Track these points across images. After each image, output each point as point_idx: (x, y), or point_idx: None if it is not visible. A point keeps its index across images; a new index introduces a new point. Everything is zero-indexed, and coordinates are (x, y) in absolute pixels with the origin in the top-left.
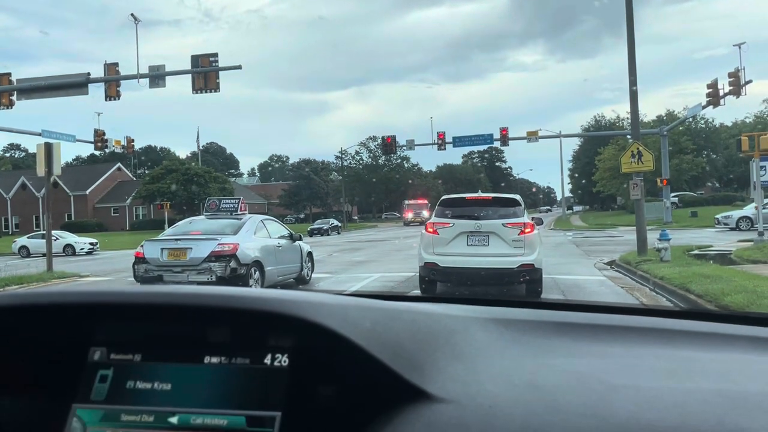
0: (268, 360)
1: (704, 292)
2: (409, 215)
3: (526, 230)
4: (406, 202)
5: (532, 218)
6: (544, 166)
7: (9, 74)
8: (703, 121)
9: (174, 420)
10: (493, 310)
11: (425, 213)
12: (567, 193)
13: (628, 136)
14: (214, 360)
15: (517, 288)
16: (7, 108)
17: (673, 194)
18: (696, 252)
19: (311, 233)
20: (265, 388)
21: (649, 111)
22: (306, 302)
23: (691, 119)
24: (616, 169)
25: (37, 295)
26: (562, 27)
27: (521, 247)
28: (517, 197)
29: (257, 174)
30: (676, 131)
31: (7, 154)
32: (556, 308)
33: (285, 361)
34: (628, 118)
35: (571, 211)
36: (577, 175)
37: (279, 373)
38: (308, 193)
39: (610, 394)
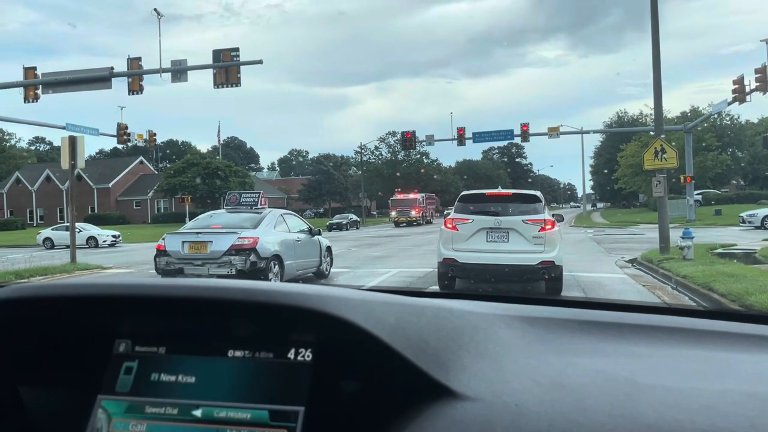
0: (291, 354)
1: (728, 292)
2: (394, 213)
3: (547, 227)
4: (394, 197)
5: (553, 215)
6: (565, 162)
7: (34, 68)
8: (728, 118)
9: (198, 413)
10: (517, 308)
11: (414, 212)
12: (588, 190)
13: (651, 133)
14: (238, 354)
15: (537, 285)
16: (33, 102)
17: (696, 192)
18: (720, 251)
19: (330, 228)
20: (288, 382)
21: (672, 107)
22: (331, 297)
23: (716, 116)
24: (638, 165)
25: (63, 287)
26: (584, 22)
27: (542, 244)
28: (538, 193)
29: (277, 168)
30: (700, 128)
31: (33, 147)
32: (581, 306)
33: (308, 356)
34: (651, 114)
35: (593, 207)
36: (598, 171)
37: (302, 367)
38: (327, 188)
39: (638, 394)
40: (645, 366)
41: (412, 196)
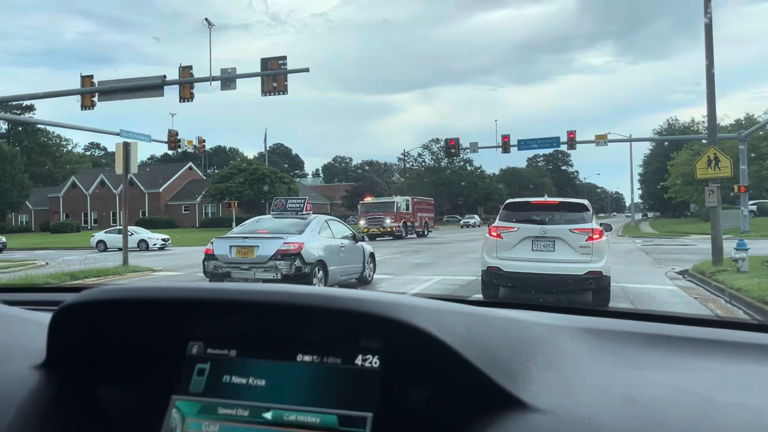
0: (359, 360)
1: None
2: (363, 222)
3: (594, 236)
4: (363, 201)
5: (601, 224)
6: (613, 170)
7: (91, 76)
8: None
9: (268, 415)
10: (580, 319)
11: (389, 221)
12: (636, 199)
13: (704, 141)
14: (307, 358)
15: (584, 296)
16: (89, 109)
17: (751, 202)
18: None
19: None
20: (356, 388)
21: (726, 115)
22: (404, 305)
23: None
24: (690, 174)
25: (145, 290)
26: (633, 28)
27: (589, 254)
28: (585, 202)
29: (321, 175)
30: (755, 136)
31: (88, 153)
32: (647, 319)
33: (376, 363)
34: (703, 121)
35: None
36: (647, 180)
37: (370, 374)
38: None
39: (715, 411)
40: (717, 382)
41: (388, 199)
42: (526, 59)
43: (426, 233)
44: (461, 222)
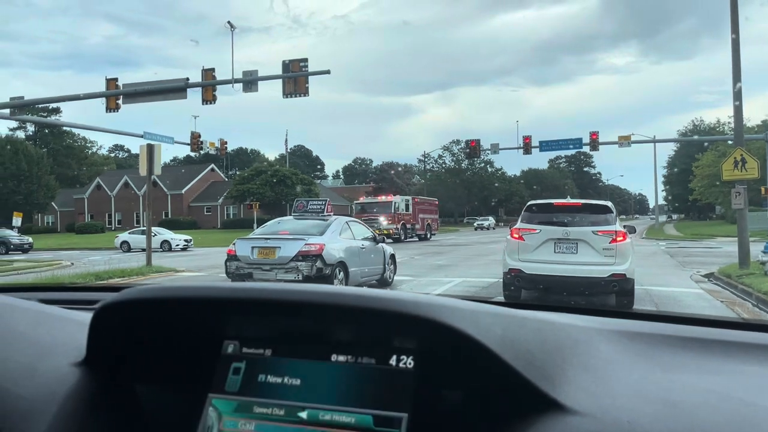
0: (393, 361)
1: None
2: None
3: (618, 238)
4: (359, 200)
5: (624, 226)
6: (636, 172)
7: (116, 79)
8: None
9: (303, 415)
10: (613, 322)
11: (386, 222)
12: (661, 201)
13: (730, 142)
14: (341, 358)
15: (607, 299)
16: (114, 111)
17: None
18: None
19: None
20: (391, 388)
21: (753, 115)
22: (441, 306)
23: None
24: (715, 176)
25: (180, 289)
26: (657, 28)
27: (612, 256)
28: (609, 204)
29: (341, 176)
30: None
31: (112, 155)
32: (680, 322)
33: (410, 363)
34: (729, 122)
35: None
36: (672, 182)
37: (404, 374)
38: None
39: (757, 415)
40: (757, 386)
41: (385, 199)
42: (548, 60)
43: (429, 236)
44: (475, 224)
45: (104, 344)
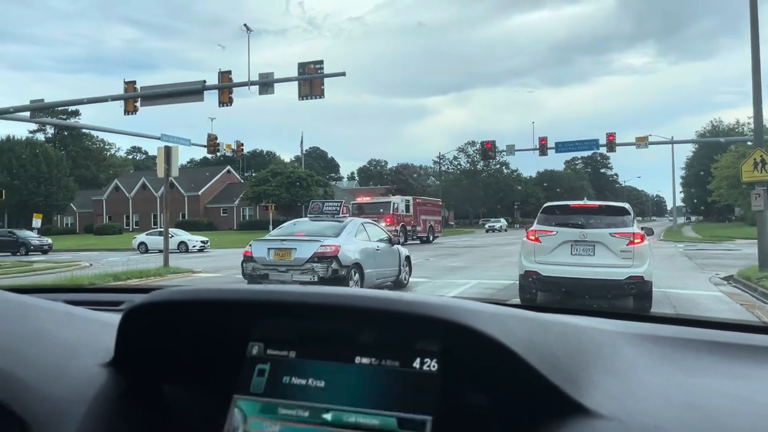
0: (416, 363)
1: None
2: None
3: (636, 240)
4: (355, 201)
5: (642, 228)
6: (654, 173)
7: (134, 82)
8: None
9: (328, 416)
10: (636, 325)
11: (383, 224)
12: (679, 203)
13: (749, 143)
14: (365, 360)
15: (625, 301)
16: (132, 114)
17: None
18: None
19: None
20: (414, 391)
21: None
22: (466, 309)
23: None
24: (735, 177)
25: (208, 292)
26: (674, 27)
27: (630, 258)
28: (626, 206)
29: (356, 178)
30: None
31: (130, 156)
32: (703, 326)
33: (434, 366)
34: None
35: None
36: (690, 183)
37: (428, 377)
38: None
39: None
40: None
41: (383, 199)
42: (564, 60)
43: (431, 239)
44: (486, 226)
45: (132, 345)
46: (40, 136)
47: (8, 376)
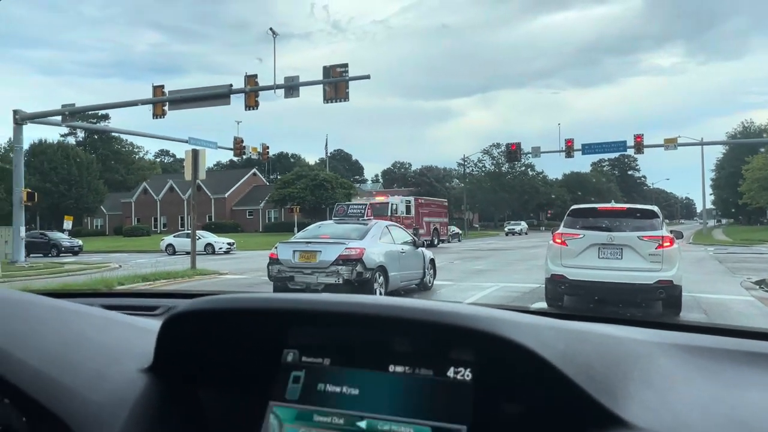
0: (450, 373)
1: None
2: None
3: (665, 244)
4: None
5: (671, 231)
6: (683, 175)
7: (162, 86)
8: None
9: (362, 424)
10: (673, 335)
11: None
12: (708, 205)
13: None
14: (399, 369)
15: (653, 305)
16: (161, 117)
17: None
18: None
19: (444, 239)
20: (449, 400)
21: None
22: (502, 320)
23: None
24: (767, 179)
25: (245, 300)
26: (703, 27)
27: (659, 262)
28: (655, 208)
29: (380, 180)
30: None
31: (158, 160)
32: (743, 336)
33: (468, 375)
34: None
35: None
36: (720, 185)
37: (462, 386)
38: None
39: None
40: None
41: (381, 200)
42: (590, 61)
43: (436, 243)
44: (506, 229)
45: (171, 351)
46: (71, 140)
47: (52, 382)
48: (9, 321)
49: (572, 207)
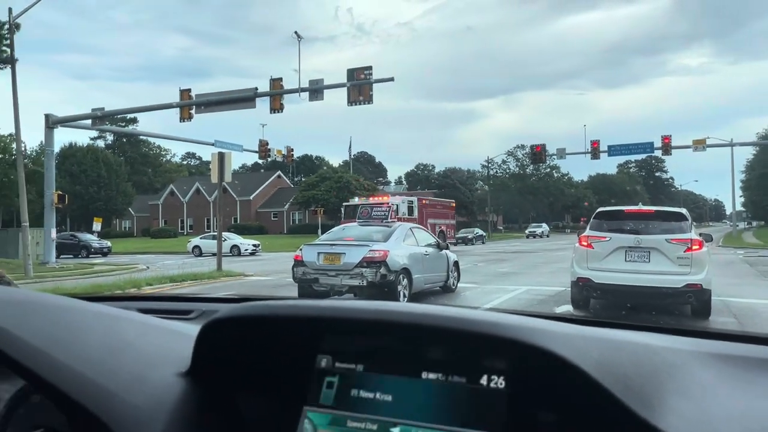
0: (484, 381)
1: None
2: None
3: (694, 247)
4: (348, 202)
5: (700, 234)
6: (712, 177)
7: (189, 90)
8: None
9: (396, 431)
10: (708, 344)
11: None
12: (738, 207)
13: None
14: (432, 376)
15: (682, 309)
16: (187, 120)
17: None
18: None
19: (456, 242)
20: (482, 408)
21: None
22: (536, 329)
23: None
24: None
25: (282, 307)
26: (733, 26)
27: (687, 265)
28: (683, 211)
29: (404, 182)
30: None
31: (185, 162)
32: None
33: (501, 383)
34: None
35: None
36: (751, 187)
37: (496, 394)
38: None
39: None
40: None
41: (381, 200)
42: (616, 62)
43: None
44: (527, 231)
45: (208, 356)
46: (101, 143)
47: (94, 386)
48: (54, 327)
49: (598, 209)
